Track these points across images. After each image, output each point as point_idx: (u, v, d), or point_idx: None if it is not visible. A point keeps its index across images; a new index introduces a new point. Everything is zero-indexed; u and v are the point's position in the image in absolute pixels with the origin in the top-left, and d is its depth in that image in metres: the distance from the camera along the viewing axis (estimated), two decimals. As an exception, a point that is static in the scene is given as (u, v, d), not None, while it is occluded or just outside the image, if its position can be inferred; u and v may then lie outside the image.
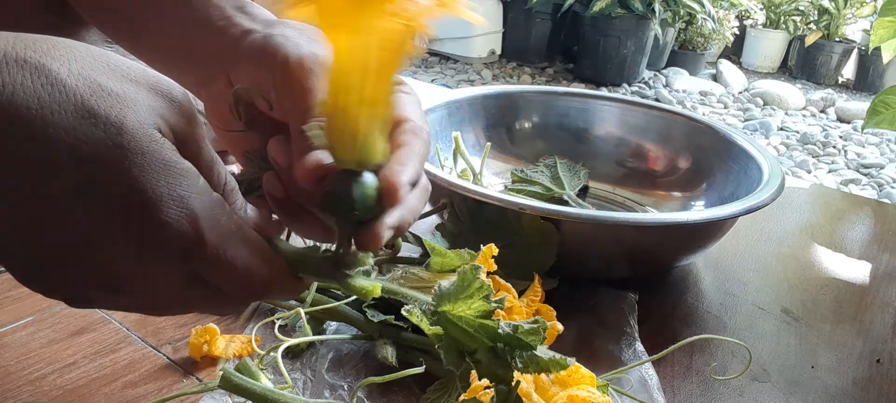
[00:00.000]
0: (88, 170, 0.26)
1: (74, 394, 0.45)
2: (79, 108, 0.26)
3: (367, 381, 0.41)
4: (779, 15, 4.24)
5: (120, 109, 0.27)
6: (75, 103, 0.26)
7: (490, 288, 0.38)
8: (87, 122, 0.26)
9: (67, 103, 0.26)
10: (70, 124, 0.26)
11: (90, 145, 0.26)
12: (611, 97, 0.83)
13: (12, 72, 0.25)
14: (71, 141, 0.26)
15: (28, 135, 0.25)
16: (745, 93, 3.79)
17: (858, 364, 0.55)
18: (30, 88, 0.25)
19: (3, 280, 0.57)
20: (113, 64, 0.28)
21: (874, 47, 2.06)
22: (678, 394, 0.49)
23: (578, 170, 0.74)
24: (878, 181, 2.73)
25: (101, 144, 0.26)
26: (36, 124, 0.25)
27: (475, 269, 0.38)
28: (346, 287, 0.35)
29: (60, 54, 0.27)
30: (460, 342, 0.40)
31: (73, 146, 0.26)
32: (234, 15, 0.41)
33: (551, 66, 4.02)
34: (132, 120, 0.27)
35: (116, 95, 0.27)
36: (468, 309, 0.39)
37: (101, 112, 0.26)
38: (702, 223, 0.58)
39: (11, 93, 0.25)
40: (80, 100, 0.26)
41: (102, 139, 0.26)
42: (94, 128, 0.26)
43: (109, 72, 0.28)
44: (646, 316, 0.57)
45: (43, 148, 0.25)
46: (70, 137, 0.26)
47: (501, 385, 0.38)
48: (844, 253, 0.73)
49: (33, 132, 0.25)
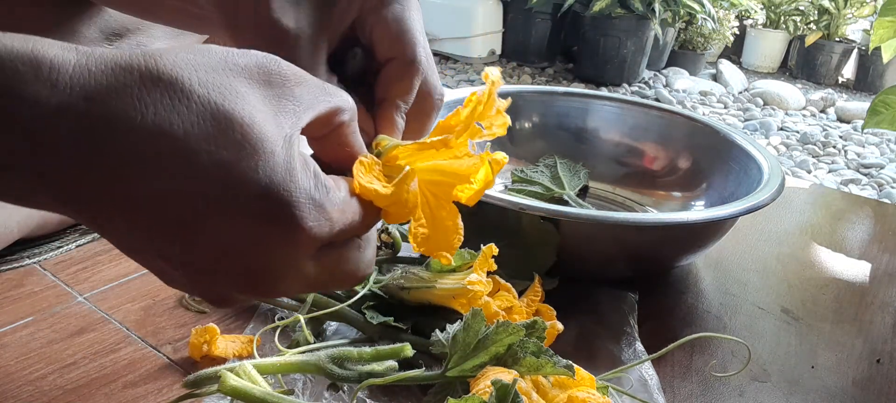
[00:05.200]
0: (227, 177, 0.27)
1: (74, 394, 0.45)
2: (215, 115, 0.27)
3: (367, 382, 0.41)
4: (779, 15, 4.24)
5: (249, 112, 0.27)
6: (212, 110, 0.27)
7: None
8: (221, 128, 0.27)
9: (204, 112, 0.26)
10: (209, 134, 0.26)
11: (228, 150, 0.27)
12: (611, 97, 0.83)
13: (152, 94, 0.26)
14: (211, 149, 0.26)
15: (173, 152, 0.26)
16: (745, 93, 3.79)
17: (858, 364, 0.55)
18: (169, 106, 0.26)
19: (3, 279, 0.57)
20: (230, 62, 0.28)
21: (874, 47, 2.07)
22: (678, 394, 0.49)
23: (578, 170, 0.74)
24: (878, 181, 2.72)
25: (235, 145, 0.27)
26: (179, 145, 0.26)
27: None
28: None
29: (186, 63, 0.27)
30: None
31: (213, 153, 0.26)
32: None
33: (551, 66, 4.02)
34: (260, 118, 0.28)
35: (242, 95, 0.28)
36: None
37: (235, 115, 0.27)
38: (702, 223, 0.58)
39: (154, 114, 0.26)
40: (214, 106, 0.27)
41: (238, 141, 0.27)
42: (231, 132, 0.27)
43: (229, 71, 0.28)
44: (646, 316, 0.57)
45: (189, 167, 0.26)
46: (210, 145, 0.26)
47: (501, 385, 0.38)
48: (844, 253, 0.73)
49: (177, 147, 0.26)
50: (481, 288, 0.47)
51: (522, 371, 0.41)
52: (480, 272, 0.48)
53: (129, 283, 0.57)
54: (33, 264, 0.59)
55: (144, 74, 0.26)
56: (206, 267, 0.29)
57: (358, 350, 0.42)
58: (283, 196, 0.28)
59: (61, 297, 0.55)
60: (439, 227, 0.35)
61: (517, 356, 0.41)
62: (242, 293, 0.31)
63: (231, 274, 0.29)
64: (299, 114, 0.30)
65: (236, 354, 0.48)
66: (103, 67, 0.25)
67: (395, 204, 0.33)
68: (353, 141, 0.34)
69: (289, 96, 0.29)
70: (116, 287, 0.57)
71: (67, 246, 0.62)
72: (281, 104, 0.29)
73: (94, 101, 0.25)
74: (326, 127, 0.32)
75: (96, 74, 0.25)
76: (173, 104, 0.26)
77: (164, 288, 0.56)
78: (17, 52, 0.24)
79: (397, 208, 0.33)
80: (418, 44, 0.38)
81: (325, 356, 0.41)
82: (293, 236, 0.28)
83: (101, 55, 0.26)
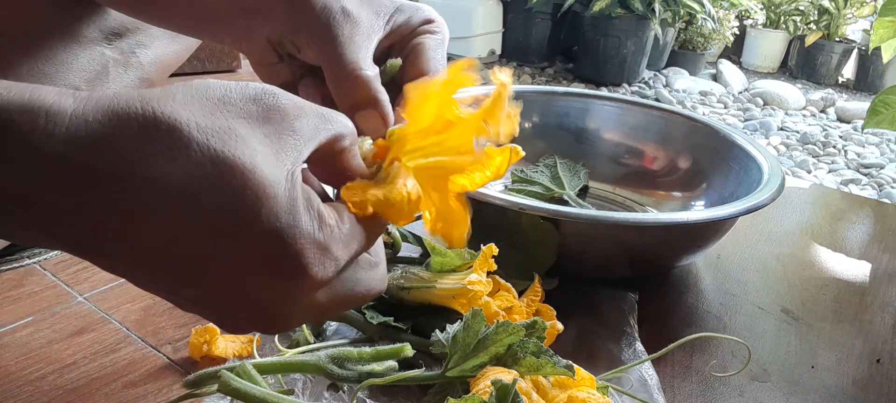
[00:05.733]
0: (230, 223, 0.27)
1: (74, 394, 0.45)
2: (214, 162, 0.26)
3: (367, 382, 0.41)
4: (779, 15, 4.24)
5: (250, 155, 0.27)
6: (211, 157, 0.26)
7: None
8: (222, 174, 0.26)
9: (203, 159, 0.26)
10: (209, 180, 0.26)
11: (230, 197, 0.26)
12: (611, 97, 0.83)
13: (151, 144, 0.25)
14: (213, 194, 0.26)
15: (174, 200, 0.26)
16: (745, 93, 3.79)
17: (858, 364, 0.55)
18: (168, 155, 0.25)
19: (3, 280, 0.57)
20: (228, 101, 0.28)
21: (874, 47, 2.06)
22: (678, 394, 0.49)
23: (578, 169, 0.74)
24: (878, 181, 2.72)
25: (236, 192, 0.26)
26: (180, 193, 0.26)
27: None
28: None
29: (184, 107, 0.27)
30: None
31: (215, 199, 0.26)
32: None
33: (551, 66, 4.02)
34: (260, 160, 0.27)
35: (242, 138, 0.27)
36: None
37: (236, 161, 0.26)
38: (702, 223, 0.58)
39: (153, 165, 0.25)
40: (213, 152, 0.26)
41: (240, 188, 0.26)
42: (231, 179, 0.26)
43: (227, 112, 0.28)
44: (646, 316, 0.57)
45: (191, 214, 0.26)
46: (212, 190, 0.26)
47: (501, 385, 0.38)
48: (844, 253, 0.73)
49: (178, 196, 0.26)
50: (481, 288, 0.47)
51: (522, 371, 0.41)
52: (480, 272, 0.48)
53: (129, 283, 0.57)
54: (33, 264, 0.59)
55: (142, 124, 0.25)
56: (218, 305, 0.29)
57: (358, 351, 0.42)
58: (287, 242, 0.28)
59: (61, 297, 0.55)
60: (449, 218, 0.35)
61: (517, 356, 0.41)
62: (258, 328, 0.31)
63: (242, 313, 0.29)
64: (300, 148, 0.29)
65: (236, 354, 0.48)
66: (100, 116, 0.25)
67: (390, 207, 0.33)
68: (355, 165, 0.34)
69: (289, 131, 0.29)
70: (116, 287, 0.57)
71: (67, 246, 0.62)
72: (281, 140, 0.29)
73: (91, 151, 0.25)
74: (327, 153, 0.32)
75: (93, 124, 0.25)
76: (172, 153, 0.25)
77: (164, 288, 0.56)
78: (14, 103, 0.24)
79: (394, 210, 0.33)
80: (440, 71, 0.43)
81: (325, 356, 0.41)
82: (299, 282, 0.29)
83: (97, 101, 0.26)
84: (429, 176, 0.35)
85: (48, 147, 0.24)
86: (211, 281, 0.27)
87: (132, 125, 0.25)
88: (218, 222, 0.26)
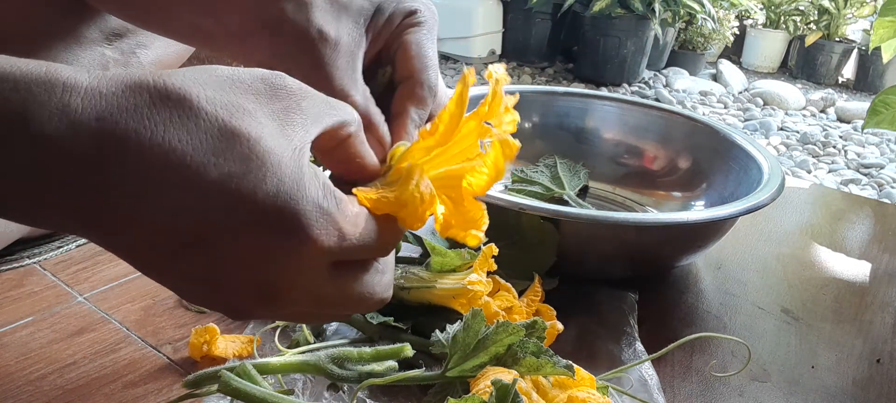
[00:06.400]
0: (236, 190, 0.27)
1: (74, 394, 0.45)
2: (222, 131, 0.27)
3: (367, 382, 0.41)
4: (779, 15, 4.24)
5: (256, 127, 0.28)
6: (219, 127, 0.27)
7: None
8: (229, 143, 0.27)
9: (211, 128, 0.27)
10: (216, 149, 0.27)
11: (235, 164, 0.27)
12: (611, 97, 0.83)
13: (162, 112, 0.27)
14: (220, 163, 0.27)
15: (182, 167, 0.27)
16: (745, 93, 3.79)
17: (858, 364, 0.55)
18: (178, 123, 0.27)
19: (3, 280, 0.57)
20: (237, 80, 0.29)
21: (874, 47, 2.07)
22: (678, 394, 0.49)
23: (578, 169, 0.74)
24: (878, 181, 2.73)
25: (242, 158, 0.27)
26: (188, 161, 0.27)
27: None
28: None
29: (194, 81, 0.28)
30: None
31: (222, 167, 0.27)
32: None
33: (551, 66, 4.02)
34: (267, 132, 0.28)
35: (249, 112, 0.28)
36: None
37: (242, 130, 0.28)
38: (702, 223, 0.58)
39: (163, 132, 0.26)
40: (221, 123, 0.27)
41: (246, 155, 0.27)
42: (238, 146, 0.27)
43: (236, 89, 0.29)
44: (646, 316, 0.57)
45: (199, 181, 0.27)
46: (218, 160, 0.27)
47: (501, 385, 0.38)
48: (844, 253, 0.73)
49: (186, 163, 0.27)
50: (481, 288, 0.47)
51: (522, 371, 0.41)
52: (480, 272, 0.48)
53: (129, 283, 0.57)
54: (33, 264, 0.59)
55: (154, 93, 0.27)
56: (224, 280, 0.29)
57: (358, 351, 0.42)
58: (289, 204, 0.28)
59: (61, 297, 0.55)
60: (463, 218, 0.35)
61: (517, 356, 0.41)
62: (258, 306, 0.31)
63: (247, 287, 0.29)
64: (307, 126, 0.30)
65: (236, 354, 0.48)
66: (114, 88, 0.26)
67: (403, 206, 0.33)
68: (363, 151, 0.34)
69: (296, 109, 0.30)
70: (116, 287, 0.57)
71: (67, 246, 0.62)
72: (289, 117, 0.30)
73: (106, 121, 0.26)
74: (334, 140, 0.33)
75: (107, 96, 0.26)
76: (182, 121, 0.27)
77: (163, 288, 0.56)
78: (33, 75, 0.25)
79: (407, 210, 0.33)
80: (431, 68, 0.41)
81: (325, 356, 0.41)
82: (301, 245, 0.29)
83: (112, 76, 0.27)
84: (440, 186, 0.35)
85: (65, 116, 0.25)
86: (218, 248, 0.28)
87: (144, 95, 0.27)
88: (225, 187, 0.27)
